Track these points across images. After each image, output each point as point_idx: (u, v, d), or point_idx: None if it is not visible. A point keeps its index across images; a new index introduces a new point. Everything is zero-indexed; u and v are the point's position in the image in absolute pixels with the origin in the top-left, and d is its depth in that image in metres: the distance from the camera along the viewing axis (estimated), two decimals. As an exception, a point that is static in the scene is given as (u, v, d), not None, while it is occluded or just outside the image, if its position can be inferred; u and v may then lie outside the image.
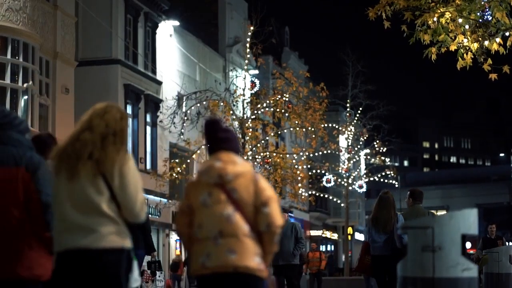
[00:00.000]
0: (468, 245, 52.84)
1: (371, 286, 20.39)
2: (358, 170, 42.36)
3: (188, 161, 29.10)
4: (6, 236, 5.09)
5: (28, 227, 5.12)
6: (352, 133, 38.51)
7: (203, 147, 29.48)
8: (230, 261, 4.85)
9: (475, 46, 10.60)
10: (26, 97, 22.99)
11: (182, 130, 27.86)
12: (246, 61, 29.47)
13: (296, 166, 30.62)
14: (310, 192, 37.76)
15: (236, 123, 27.99)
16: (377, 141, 39.42)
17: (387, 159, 41.24)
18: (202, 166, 5.15)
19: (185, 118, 27.99)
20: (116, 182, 4.59)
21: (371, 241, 11.36)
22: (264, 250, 4.98)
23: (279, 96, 28.50)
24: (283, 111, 28.60)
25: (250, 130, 27.78)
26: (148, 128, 31.89)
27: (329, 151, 35.70)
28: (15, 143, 5.27)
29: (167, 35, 33.54)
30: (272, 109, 29.09)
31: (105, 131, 4.64)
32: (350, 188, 39.27)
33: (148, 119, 31.89)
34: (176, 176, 27.32)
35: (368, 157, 41.58)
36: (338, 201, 43.64)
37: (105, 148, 4.61)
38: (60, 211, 4.65)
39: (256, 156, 27.86)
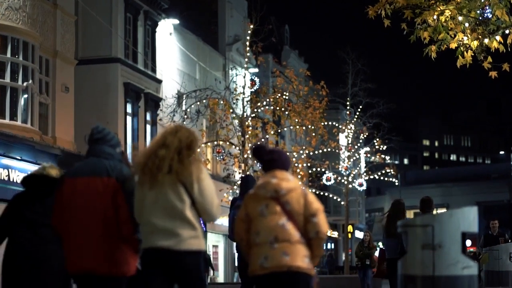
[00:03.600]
0: (468, 243, 52.78)
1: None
2: (358, 168, 42.31)
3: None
4: (98, 238, 5.79)
5: (117, 231, 5.79)
6: (352, 131, 38.46)
7: (203, 145, 29.49)
8: (284, 261, 5.66)
9: (475, 44, 10.60)
10: (26, 95, 22.97)
11: (182, 129, 27.82)
12: (246, 60, 29.45)
13: (296, 165, 30.61)
14: (310, 190, 37.64)
15: (236, 122, 28.00)
16: (377, 139, 39.35)
17: (387, 157, 41.18)
18: (259, 181, 6.01)
19: (185, 116, 27.98)
20: (195, 189, 5.39)
21: (385, 246, 11.98)
22: (312, 253, 5.81)
23: (279, 95, 28.50)
24: (283, 109, 28.59)
25: (250, 128, 27.77)
26: (148, 127, 31.84)
27: (329, 149, 35.67)
28: (107, 156, 5.98)
29: (167, 34, 33.50)
30: (272, 108, 29.08)
31: (179, 145, 5.44)
32: (350, 186, 39.21)
33: (148, 117, 31.85)
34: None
35: (368, 155, 41.51)
36: (338, 199, 43.55)
37: (182, 161, 5.41)
38: (145, 216, 5.43)
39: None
